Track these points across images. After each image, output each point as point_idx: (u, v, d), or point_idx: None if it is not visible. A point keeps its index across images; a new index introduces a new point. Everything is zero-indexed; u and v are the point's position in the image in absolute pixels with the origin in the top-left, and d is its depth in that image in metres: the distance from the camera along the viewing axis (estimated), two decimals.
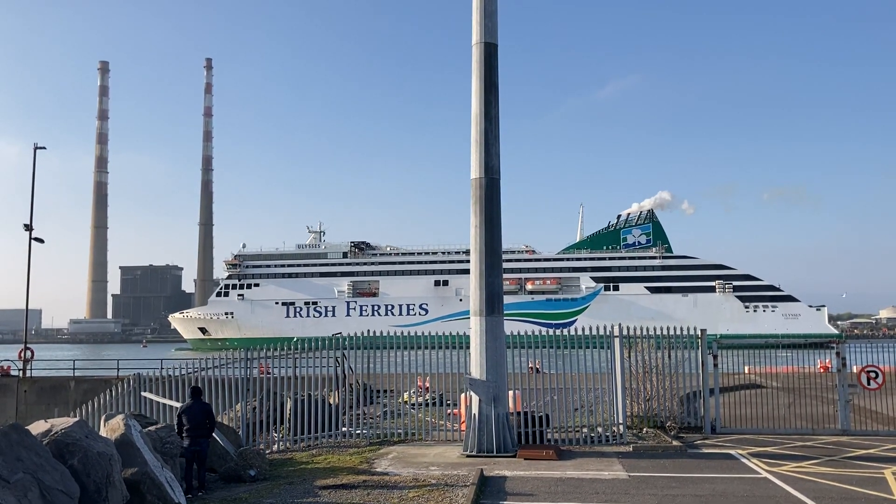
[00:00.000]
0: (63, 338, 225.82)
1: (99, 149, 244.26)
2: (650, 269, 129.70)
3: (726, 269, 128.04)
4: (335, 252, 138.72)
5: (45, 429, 10.85)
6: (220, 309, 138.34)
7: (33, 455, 9.70)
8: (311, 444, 18.73)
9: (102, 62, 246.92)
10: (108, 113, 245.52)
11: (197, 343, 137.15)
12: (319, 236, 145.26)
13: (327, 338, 20.56)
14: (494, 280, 17.40)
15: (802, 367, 22.77)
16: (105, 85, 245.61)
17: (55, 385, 36.43)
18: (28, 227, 41.71)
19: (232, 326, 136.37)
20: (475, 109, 17.80)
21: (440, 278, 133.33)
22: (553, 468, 15.24)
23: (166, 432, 13.94)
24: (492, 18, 17.90)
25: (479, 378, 16.90)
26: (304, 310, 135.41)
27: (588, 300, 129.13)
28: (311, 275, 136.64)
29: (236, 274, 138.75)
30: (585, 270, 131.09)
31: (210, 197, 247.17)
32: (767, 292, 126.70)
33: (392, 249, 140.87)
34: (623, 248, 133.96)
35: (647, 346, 20.07)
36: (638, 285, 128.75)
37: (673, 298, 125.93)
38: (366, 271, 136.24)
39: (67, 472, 10.10)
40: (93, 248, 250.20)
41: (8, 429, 9.78)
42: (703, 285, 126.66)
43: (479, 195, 17.55)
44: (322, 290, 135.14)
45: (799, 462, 15.72)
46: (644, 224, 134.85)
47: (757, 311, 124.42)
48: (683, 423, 20.12)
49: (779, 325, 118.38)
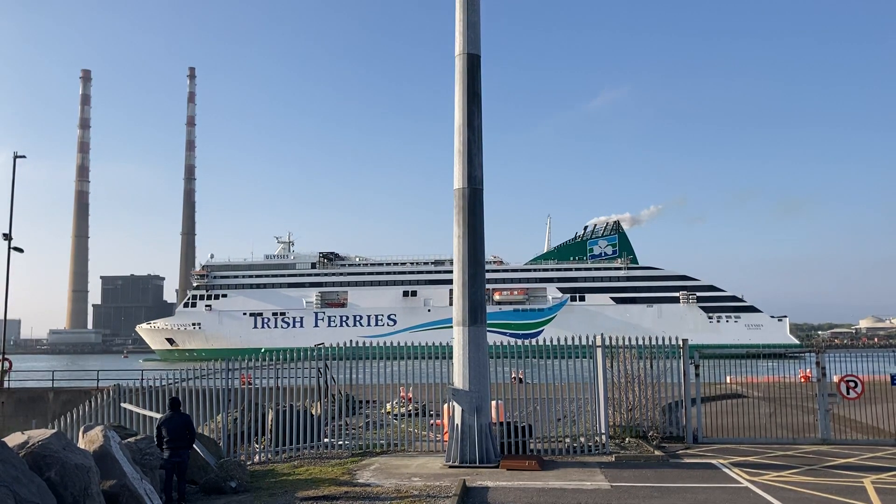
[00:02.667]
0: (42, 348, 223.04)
1: (80, 157, 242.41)
2: (616, 279, 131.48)
3: (690, 280, 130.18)
4: (304, 262, 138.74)
5: (21, 441, 10.71)
6: (187, 319, 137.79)
7: (9, 467, 9.56)
8: (292, 456, 18.61)
9: (84, 71, 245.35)
10: (89, 122, 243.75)
11: (165, 354, 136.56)
12: (288, 246, 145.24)
13: (309, 348, 20.46)
14: (477, 290, 17.40)
15: (783, 376, 22.96)
16: (87, 94, 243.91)
17: (33, 396, 35.98)
18: (7, 236, 41.29)
19: (199, 337, 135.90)
20: (458, 120, 17.85)
21: (409, 289, 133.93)
22: (536, 478, 15.23)
23: (146, 444, 13.80)
24: (474, 30, 17.98)
25: (461, 388, 16.88)
26: (273, 320, 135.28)
27: (554, 311, 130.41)
28: (279, 285, 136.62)
29: (204, 284, 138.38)
30: (552, 281, 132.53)
31: (193, 206, 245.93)
32: (730, 303, 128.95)
33: (361, 260, 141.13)
34: (589, 258, 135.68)
35: (629, 355, 20.14)
36: (604, 296, 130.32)
37: (638, 309, 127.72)
38: (334, 282, 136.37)
39: (44, 484, 9.97)
40: (73, 257, 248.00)
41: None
42: (667, 296, 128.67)
43: (462, 205, 17.57)
44: (290, 301, 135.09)
45: (780, 471, 15.81)
46: (610, 235, 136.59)
47: (720, 321, 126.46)
48: (666, 433, 20.20)
49: (741, 335, 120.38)
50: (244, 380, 20.08)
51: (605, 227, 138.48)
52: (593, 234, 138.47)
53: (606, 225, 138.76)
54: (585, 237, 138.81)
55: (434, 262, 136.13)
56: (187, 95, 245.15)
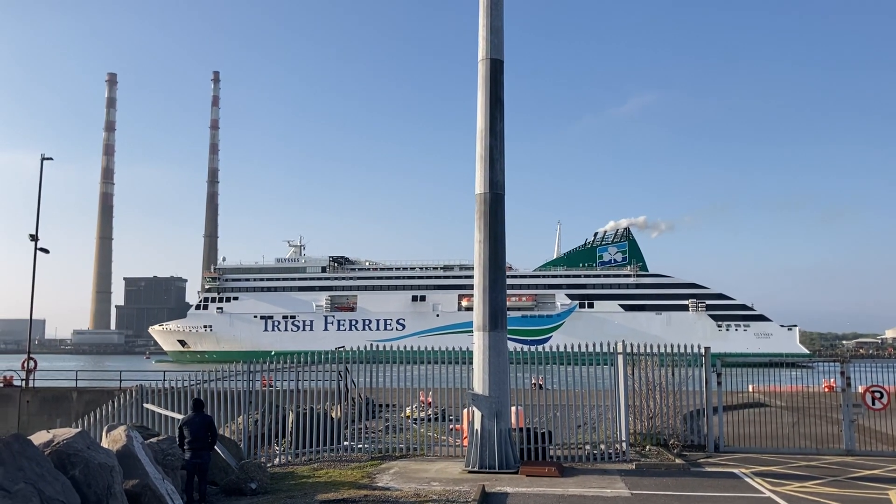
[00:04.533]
0: (66, 348, 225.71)
1: (105, 160, 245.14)
2: (625, 286, 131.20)
3: (699, 288, 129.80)
4: (314, 266, 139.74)
5: (47, 439, 10.85)
6: (199, 322, 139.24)
7: (35, 465, 9.69)
8: (312, 458, 18.68)
9: (110, 74, 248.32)
10: (115, 124, 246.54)
11: (177, 355, 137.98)
12: (299, 250, 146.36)
13: (330, 352, 20.54)
14: (498, 295, 17.38)
15: (807, 386, 22.71)
16: (112, 97, 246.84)
17: (58, 396, 36.41)
18: (34, 237, 41.86)
19: (210, 339, 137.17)
20: (480, 125, 17.86)
21: (418, 294, 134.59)
22: (555, 485, 15.17)
23: (168, 444, 13.91)
24: (498, 35, 17.99)
25: (481, 393, 16.85)
26: (283, 324, 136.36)
27: (563, 317, 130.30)
28: (289, 289, 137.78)
29: (216, 287, 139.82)
30: (561, 287, 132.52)
31: (215, 209, 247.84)
32: (739, 311, 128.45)
33: (371, 264, 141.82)
34: (599, 265, 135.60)
35: (650, 363, 20.02)
36: (612, 303, 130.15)
37: (646, 316, 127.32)
38: (344, 286, 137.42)
39: (69, 482, 10.09)
40: (97, 259, 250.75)
41: (10, 439, 9.77)
42: (676, 304, 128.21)
43: (483, 210, 17.57)
44: (300, 305, 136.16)
45: (803, 482, 15.62)
46: (620, 242, 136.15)
47: (729, 329, 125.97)
48: (687, 442, 20.04)
49: (750, 343, 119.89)
50: (265, 382, 20.20)
51: (615, 234, 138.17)
52: (603, 240, 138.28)
53: (617, 232, 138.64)
54: (595, 244, 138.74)
55: (443, 268, 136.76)
56: (211, 99, 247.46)
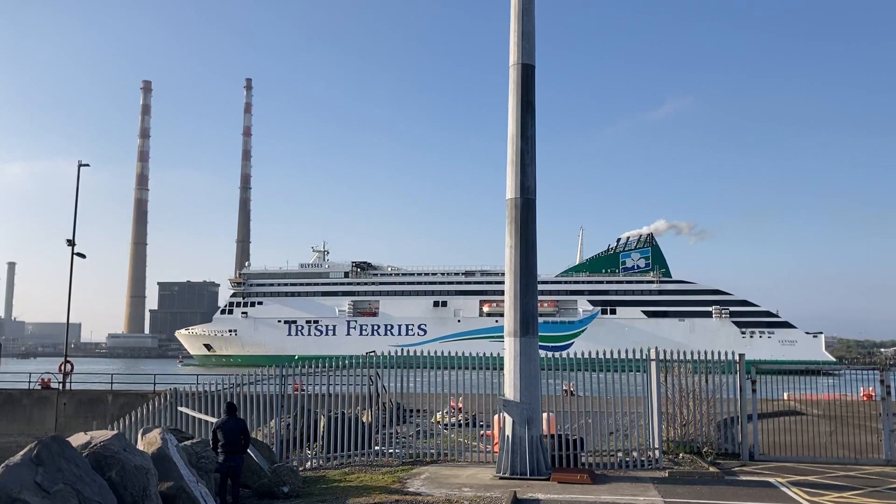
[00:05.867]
0: (101, 352, 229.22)
1: (140, 166, 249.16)
2: (647, 293, 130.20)
3: (723, 295, 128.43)
4: (337, 272, 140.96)
5: (84, 441, 11.02)
6: (224, 326, 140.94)
7: (73, 466, 9.84)
8: (343, 462, 18.74)
9: (145, 82, 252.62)
10: (149, 131, 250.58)
11: (202, 359, 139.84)
12: (323, 255, 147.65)
13: (361, 356, 20.61)
14: (529, 301, 17.33)
15: (844, 394, 22.27)
16: (147, 104, 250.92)
17: (93, 398, 37.00)
18: (70, 242, 42.62)
19: (235, 343, 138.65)
20: (512, 130, 17.83)
21: (439, 299, 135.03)
22: (587, 492, 15.04)
23: (202, 447, 14.05)
24: (529, 40, 17.97)
25: (512, 399, 16.79)
26: (306, 328, 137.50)
27: (585, 323, 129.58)
28: (313, 294, 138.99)
29: (241, 292, 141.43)
30: (583, 294, 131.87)
31: (248, 214, 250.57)
32: (764, 318, 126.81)
33: (393, 270, 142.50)
34: (622, 271, 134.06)
35: (684, 370, 19.79)
36: (635, 309, 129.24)
37: (669, 323, 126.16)
38: (366, 291, 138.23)
39: (105, 484, 10.23)
40: (132, 263, 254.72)
41: (49, 440, 9.94)
42: (699, 310, 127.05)
43: (514, 216, 17.53)
44: (323, 309, 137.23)
45: (841, 492, 15.32)
46: (643, 248, 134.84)
47: (753, 336, 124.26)
48: (721, 450, 19.76)
49: (775, 351, 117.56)
50: (296, 387, 20.32)
51: (637, 240, 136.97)
52: (626, 246, 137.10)
53: (640, 238, 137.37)
54: (618, 250, 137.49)
55: (464, 273, 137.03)
56: (243, 106, 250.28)
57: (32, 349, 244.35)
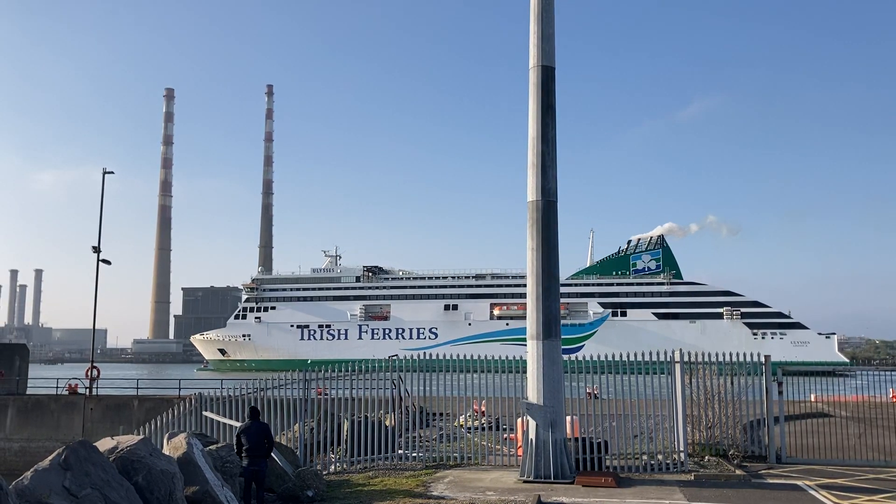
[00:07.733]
0: (127, 357, 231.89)
1: (164, 173, 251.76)
2: (658, 294, 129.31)
3: (734, 296, 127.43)
4: (349, 276, 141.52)
5: (111, 446, 11.13)
6: (238, 331, 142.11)
7: (100, 471, 9.95)
8: (367, 466, 18.77)
9: (168, 89, 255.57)
10: (172, 138, 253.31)
11: (217, 364, 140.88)
12: (335, 260, 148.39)
13: (384, 360, 20.65)
14: (552, 303, 17.25)
15: (872, 396, 21.97)
16: (170, 111, 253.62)
17: (120, 403, 37.34)
18: (96, 248, 43.10)
19: (249, 348, 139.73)
20: (532, 132, 17.80)
21: (450, 303, 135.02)
22: (612, 495, 14.95)
23: (226, 451, 14.15)
24: (549, 42, 17.92)
25: (536, 403, 16.73)
26: (318, 332, 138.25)
27: (595, 326, 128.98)
28: (325, 298, 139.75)
29: (254, 297, 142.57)
30: (594, 296, 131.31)
31: (270, 220, 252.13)
32: (776, 319, 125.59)
33: (404, 274, 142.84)
34: (632, 273, 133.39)
35: (708, 372, 19.61)
36: (646, 311, 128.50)
37: (681, 325, 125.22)
38: (378, 295, 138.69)
39: (132, 488, 10.33)
40: (156, 269, 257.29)
41: (77, 445, 10.06)
42: (711, 311, 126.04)
43: (535, 218, 17.48)
44: (335, 314, 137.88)
45: (871, 495, 15.09)
46: (654, 250, 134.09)
47: (765, 337, 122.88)
48: (747, 452, 19.55)
49: (787, 352, 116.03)
50: (319, 391, 20.39)
51: (648, 242, 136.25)
52: (636, 248, 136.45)
53: (650, 239, 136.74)
54: (629, 252, 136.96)
55: (475, 277, 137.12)
56: (265, 112, 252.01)
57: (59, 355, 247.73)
